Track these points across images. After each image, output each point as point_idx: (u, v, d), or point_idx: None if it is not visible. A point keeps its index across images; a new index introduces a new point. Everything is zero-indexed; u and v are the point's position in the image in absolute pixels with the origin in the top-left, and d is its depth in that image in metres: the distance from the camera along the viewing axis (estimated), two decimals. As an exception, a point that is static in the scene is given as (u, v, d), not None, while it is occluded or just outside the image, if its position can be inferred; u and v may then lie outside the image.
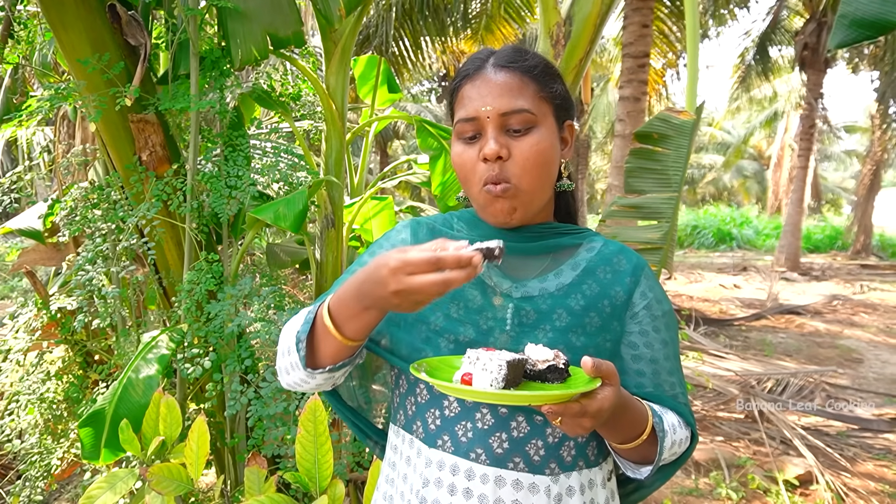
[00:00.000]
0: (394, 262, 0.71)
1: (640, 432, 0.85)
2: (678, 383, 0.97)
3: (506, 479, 0.88)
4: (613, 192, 6.57)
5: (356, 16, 2.19)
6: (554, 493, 0.89)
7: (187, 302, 1.92)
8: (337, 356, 0.87)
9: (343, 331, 0.82)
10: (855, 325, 8.33)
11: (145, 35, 1.97)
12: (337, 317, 0.83)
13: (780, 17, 13.50)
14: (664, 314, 0.98)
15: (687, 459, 0.97)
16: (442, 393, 0.92)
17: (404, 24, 7.01)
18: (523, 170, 0.89)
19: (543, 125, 0.91)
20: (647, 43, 6.55)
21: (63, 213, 2.18)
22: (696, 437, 0.97)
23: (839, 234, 20.75)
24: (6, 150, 9.69)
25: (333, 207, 2.31)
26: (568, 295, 0.94)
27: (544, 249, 0.98)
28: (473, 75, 0.92)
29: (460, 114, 0.92)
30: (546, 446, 0.90)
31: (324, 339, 0.85)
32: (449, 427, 0.92)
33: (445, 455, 0.91)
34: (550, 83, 0.93)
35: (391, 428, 1.04)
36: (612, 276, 0.97)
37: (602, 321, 0.93)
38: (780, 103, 21.23)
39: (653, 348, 0.95)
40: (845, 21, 1.42)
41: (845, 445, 3.97)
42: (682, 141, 1.94)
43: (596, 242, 1.01)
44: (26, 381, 2.28)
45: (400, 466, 0.98)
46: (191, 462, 1.62)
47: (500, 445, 0.89)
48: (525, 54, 0.93)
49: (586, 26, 2.04)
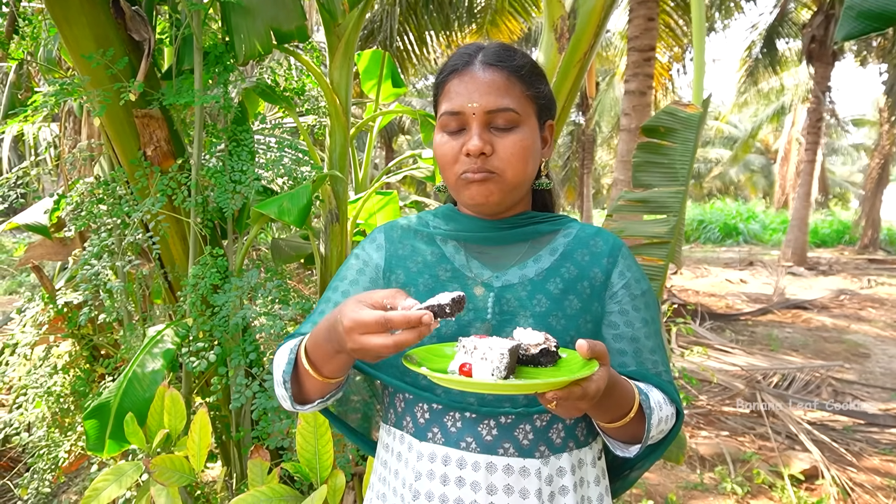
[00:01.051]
0: (347, 322, 0.71)
1: (628, 411, 0.86)
2: (661, 361, 0.98)
3: (497, 464, 0.90)
4: (619, 187, 6.55)
5: (360, 10, 2.18)
6: (545, 475, 0.91)
7: (192, 296, 1.93)
8: (322, 391, 0.89)
9: (321, 371, 0.84)
10: (862, 319, 8.28)
11: (149, 30, 1.97)
12: (314, 359, 0.85)
13: (788, 10, 13.39)
14: (643, 293, 0.99)
15: (674, 437, 0.98)
16: (429, 386, 0.94)
17: (409, 19, 6.99)
18: (507, 164, 0.91)
19: (526, 124, 0.94)
20: (653, 36, 6.52)
21: (69, 208, 2.19)
22: (681, 415, 0.97)
23: (847, 229, 20.64)
24: (12, 146, 9.72)
25: (338, 202, 2.31)
26: (547, 279, 0.96)
27: (522, 237, 1.00)
28: (462, 70, 0.93)
29: (446, 107, 0.93)
30: (534, 430, 0.92)
31: (306, 379, 0.88)
32: (438, 419, 0.94)
33: (436, 447, 0.93)
34: (536, 83, 0.96)
35: (382, 427, 1.05)
36: (589, 258, 0.98)
37: (582, 303, 0.95)
38: (788, 97, 21.10)
39: (633, 327, 0.97)
40: (852, 13, 1.41)
41: (851, 440, 3.96)
42: (688, 134, 1.93)
43: (573, 228, 1.03)
44: (34, 375, 2.29)
45: (392, 463, 0.99)
46: (193, 454, 1.63)
47: (489, 433, 0.91)
48: (513, 53, 0.95)
49: (590, 20, 2.03)
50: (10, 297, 10.23)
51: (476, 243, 1.01)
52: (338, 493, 1.55)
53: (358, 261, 1.05)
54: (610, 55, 15.46)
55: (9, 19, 2.00)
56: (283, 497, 1.52)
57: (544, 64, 2.15)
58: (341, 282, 1.04)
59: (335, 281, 1.06)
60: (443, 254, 1.01)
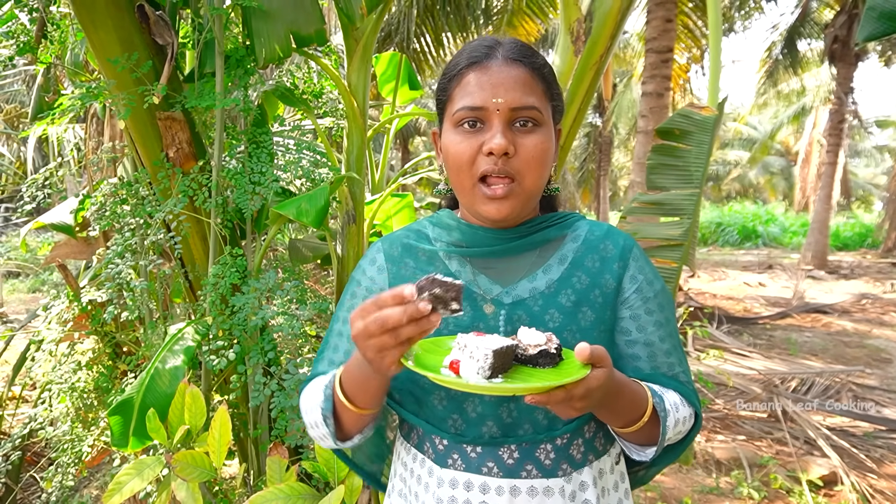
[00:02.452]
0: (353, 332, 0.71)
1: (641, 414, 0.84)
2: (677, 363, 0.95)
3: (520, 487, 0.88)
4: (636, 189, 6.52)
5: (378, 13, 2.21)
6: (569, 492, 0.89)
7: (212, 295, 1.97)
8: (359, 425, 0.88)
9: (357, 402, 0.84)
10: (884, 324, 8.14)
11: (172, 34, 2.02)
12: (349, 391, 0.84)
13: (810, 10, 13.22)
14: (656, 294, 0.95)
15: (693, 438, 0.96)
16: (445, 415, 0.92)
17: (426, 21, 7.02)
18: (528, 167, 0.86)
19: (546, 125, 0.89)
20: (671, 38, 6.48)
21: (93, 208, 2.24)
22: (699, 417, 0.95)
23: (869, 232, 20.27)
24: (37, 147, 9.93)
25: (355, 203, 2.34)
26: (558, 292, 0.92)
27: (530, 246, 0.95)
28: (482, 63, 0.87)
29: (464, 101, 0.87)
30: (556, 449, 0.90)
31: (343, 413, 0.87)
32: (457, 446, 0.92)
33: (458, 473, 0.91)
34: (554, 85, 0.92)
35: (402, 443, 1.02)
36: (600, 265, 0.94)
37: (595, 314, 0.92)
38: (809, 98, 20.79)
39: (646, 331, 0.94)
40: (874, 14, 1.40)
41: (872, 446, 3.90)
42: (703, 137, 1.93)
43: (581, 229, 0.98)
44: (58, 371, 2.35)
45: (412, 484, 0.97)
46: (213, 450, 1.66)
47: (511, 456, 0.89)
48: (534, 52, 0.91)
49: (607, 22, 2.04)
50: (33, 295, 10.44)
51: (483, 258, 0.96)
52: (355, 493, 1.56)
53: (361, 288, 1.01)
54: (627, 56, 15.37)
55: (38, 24, 2.05)
56: (301, 495, 1.53)
57: (560, 66, 2.16)
58: (349, 312, 0.99)
59: (342, 311, 1.02)
60: (448, 272, 0.96)
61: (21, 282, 11.56)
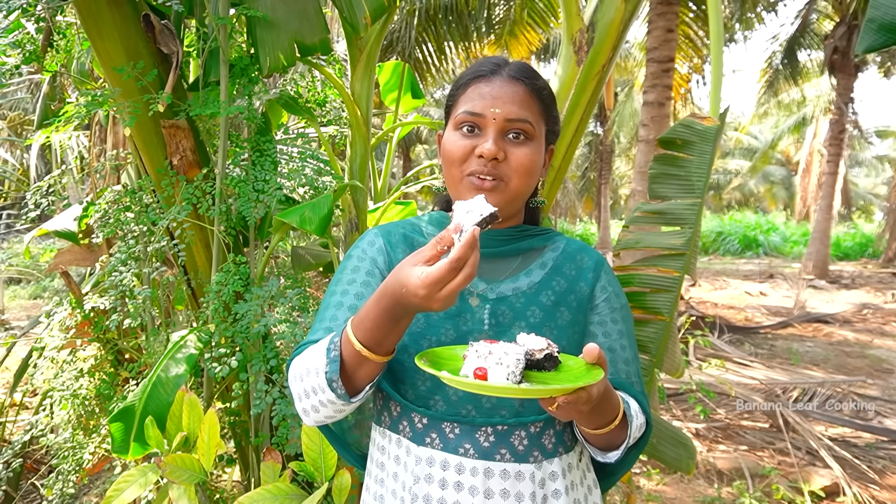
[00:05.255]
0: (422, 290, 0.74)
1: (613, 418, 0.89)
2: (634, 372, 1.04)
3: (494, 470, 0.94)
4: (637, 198, 6.53)
5: (381, 23, 2.22)
6: (538, 479, 0.95)
7: (215, 303, 1.97)
8: (373, 375, 0.89)
9: (378, 351, 0.85)
10: (886, 334, 8.13)
11: (177, 43, 2.03)
12: (371, 342, 0.84)
13: (809, 21, 13.29)
14: (622, 307, 1.07)
15: (645, 446, 1.03)
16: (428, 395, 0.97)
17: (428, 30, 7.07)
18: (515, 173, 0.96)
19: (537, 141, 0.99)
20: (672, 48, 6.51)
21: (97, 215, 2.24)
22: (650, 426, 1.02)
23: (870, 242, 20.29)
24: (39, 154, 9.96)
25: (357, 211, 2.35)
26: (539, 292, 1.01)
27: (515, 251, 1.05)
28: (489, 77, 0.98)
29: (467, 106, 0.97)
30: (529, 436, 0.96)
31: (360, 368, 0.87)
32: (436, 425, 0.97)
33: (435, 452, 0.96)
34: (551, 107, 1.02)
35: (375, 429, 1.06)
36: (576, 273, 1.05)
37: (571, 315, 1.02)
38: (809, 108, 20.86)
39: (610, 338, 1.03)
40: (873, 25, 1.41)
41: (874, 457, 3.88)
42: (705, 147, 1.94)
43: (559, 242, 1.09)
44: (60, 378, 2.35)
45: (389, 466, 1.01)
46: (202, 453, 1.67)
47: (487, 439, 0.95)
48: (537, 74, 1.00)
49: (609, 33, 2.05)
50: (34, 302, 10.44)
51: None
52: (343, 492, 1.58)
53: (364, 262, 1.04)
54: (629, 66, 15.43)
55: (45, 33, 2.07)
56: (287, 495, 1.58)
57: (563, 76, 2.17)
58: (350, 285, 1.02)
59: (341, 285, 1.03)
60: None
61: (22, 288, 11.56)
